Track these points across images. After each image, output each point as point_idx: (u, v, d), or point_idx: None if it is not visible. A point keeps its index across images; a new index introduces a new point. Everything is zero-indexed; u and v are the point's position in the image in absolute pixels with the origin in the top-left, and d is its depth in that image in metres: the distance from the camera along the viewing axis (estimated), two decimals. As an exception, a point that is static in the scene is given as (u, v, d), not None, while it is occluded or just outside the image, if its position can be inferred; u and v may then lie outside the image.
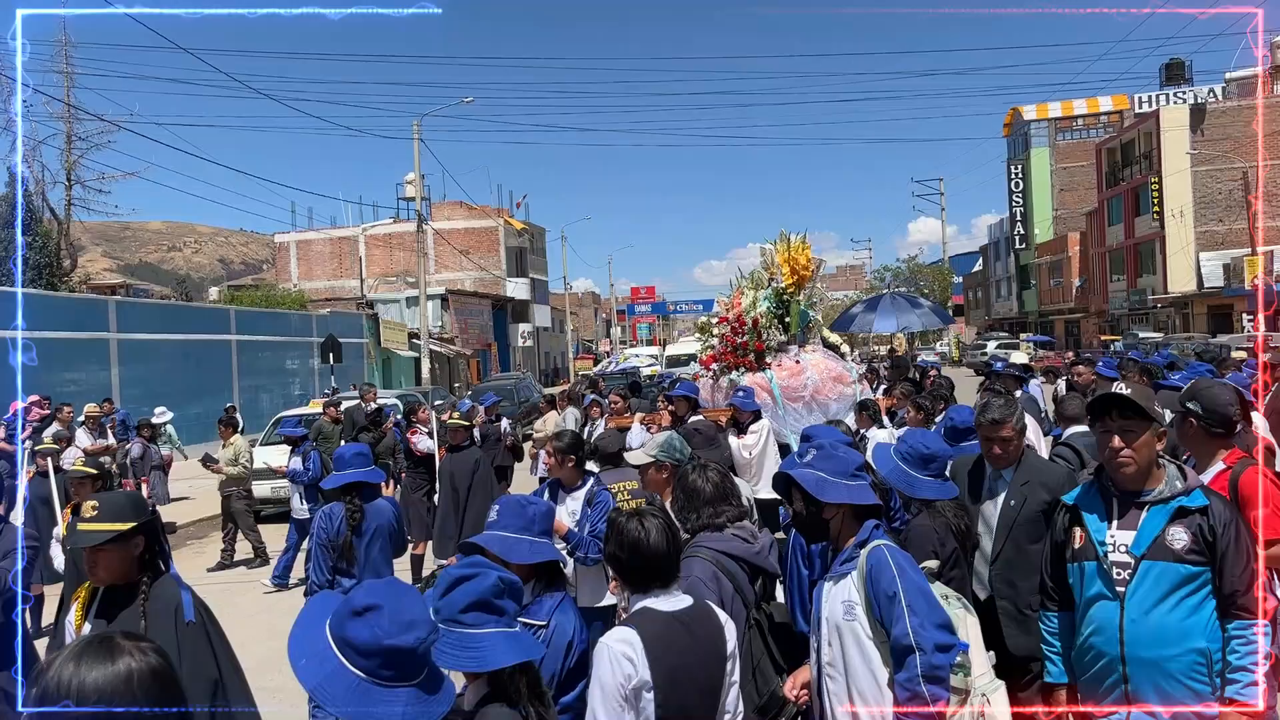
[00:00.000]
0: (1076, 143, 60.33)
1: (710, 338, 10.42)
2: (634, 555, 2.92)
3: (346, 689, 1.84)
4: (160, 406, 16.66)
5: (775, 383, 9.15)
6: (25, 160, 27.57)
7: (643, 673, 2.71)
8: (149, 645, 1.64)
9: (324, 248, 52.96)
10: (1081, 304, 55.33)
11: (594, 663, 2.75)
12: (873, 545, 3.06)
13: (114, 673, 1.56)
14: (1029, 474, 4.35)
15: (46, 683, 1.55)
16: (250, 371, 26.99)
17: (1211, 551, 3.03)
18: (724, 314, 10.35)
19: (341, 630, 1.90)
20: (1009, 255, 65.52)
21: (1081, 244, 55.64)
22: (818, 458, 3.23)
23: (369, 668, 1.86)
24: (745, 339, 9.58)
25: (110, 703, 1.53)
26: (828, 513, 3.17)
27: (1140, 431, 3.14)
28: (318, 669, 1.87)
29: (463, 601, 2.34)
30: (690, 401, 8.65)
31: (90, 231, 70.33)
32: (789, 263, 9.92)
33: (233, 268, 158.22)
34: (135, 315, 22.96)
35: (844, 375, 9.49)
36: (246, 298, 40.91)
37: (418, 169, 33.17)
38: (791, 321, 9.91)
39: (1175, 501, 3.11)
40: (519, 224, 55.74)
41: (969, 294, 77.44)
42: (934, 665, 2.84)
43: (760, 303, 9.81)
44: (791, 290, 9.96)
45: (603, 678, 2.70)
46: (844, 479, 3.14)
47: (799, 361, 9.44)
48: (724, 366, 9.66)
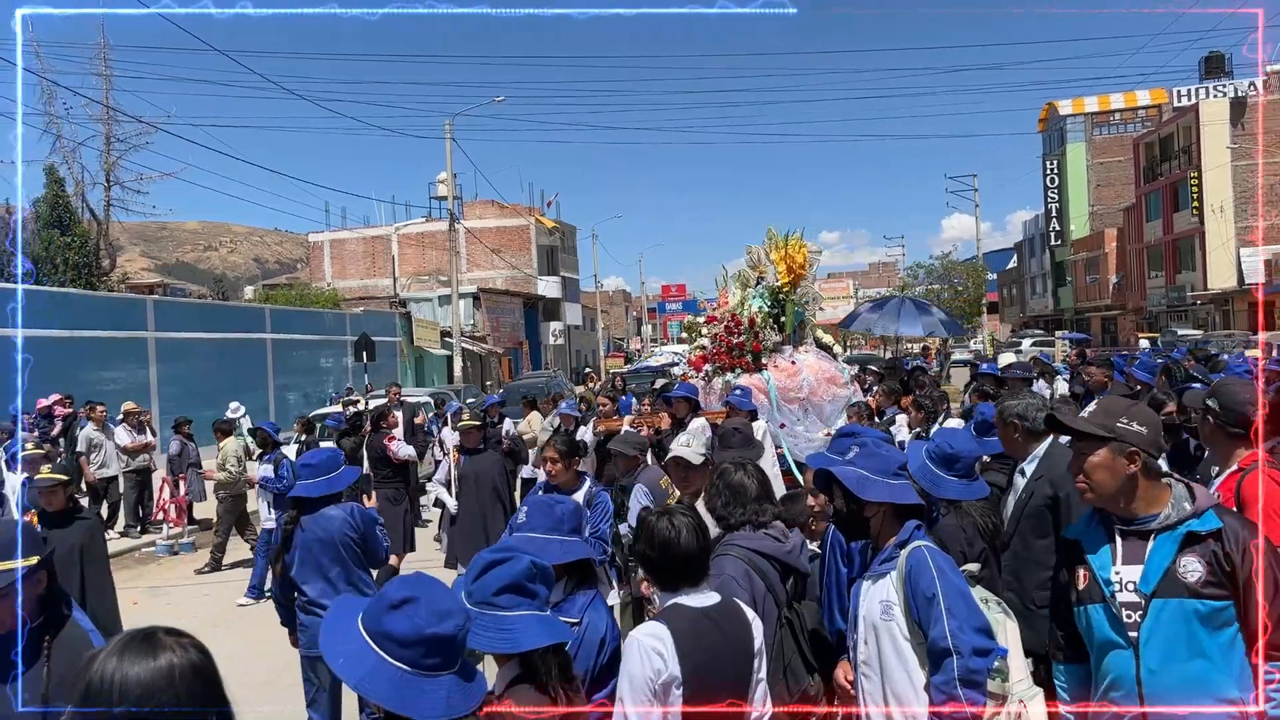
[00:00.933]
0: (1113, 137, 59.52)
1: (699, 338, 10.13)
2: (665, 554, 2.93)
3: (390, 682, 1.88)
4: (234, 402, 16.87)
5: (772, 384, 8.93)
6: (65, 162, 28.09)
7: (672, 668, 2.72)
8: (189, 641, 1.65)
9: (357, 247, 53.40)
10: (1119, 301, 54.63)
11: (624, 656, 2.77)
12: (913, 546, 3.04)
13: (156, 668, 1.56)
14: (1044, 468, 4.39)
15: (90, 679, 1.56)
16: (285, 370, 27.26)
17: (1232, 582, 2.59)
18: (712, 313, 10.09)
19: (379, 625, 1.92)
20: (1044, 252, 64.78)
21: (1119, 240, 54.91)
22: (860, 455, 3.22)
23: (411, 658, 1.90)
24: (742, 339, 9.31)
25: (153, 699, 1.54)
26: (868, 511, 3.16)
27: (1089, 453, 2.77)
28: (358, 665, 1.90)
29: (496, 584, 2.39)
30: (691, 403, 8.52)
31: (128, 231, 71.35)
32: (785, 260, 9.64)
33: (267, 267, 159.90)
34: (173, 314, 23.26)
35: (837, 376, 9.32)
36: (281, 297, 41.31)
37: (450, 168, 33.35)
38: (786, 321, 9.64)
39: (1184, 526, 2.67)
40: (550, 222, 55.89)
41: (1003, 291, 76.66)
42: (971, 669, 2.82)
43: (753, 301, 9.55)
44: (787, 289, 9.69)
45: (632, 671, 2.71)
46: (886, 477, 3.14)
47: (794, 362, 9.22)
48: (718, 368, 9.38)
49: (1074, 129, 60.20)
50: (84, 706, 1.55)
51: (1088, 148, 60.07)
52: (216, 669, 1.66)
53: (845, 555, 3.85)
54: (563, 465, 5.69)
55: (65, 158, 28.08)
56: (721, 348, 9.38)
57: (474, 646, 2.33)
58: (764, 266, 9.90)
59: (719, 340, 9.45)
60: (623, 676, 2.74)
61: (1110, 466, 2.73)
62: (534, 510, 3.30)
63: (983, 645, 2.84)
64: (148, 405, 18.02)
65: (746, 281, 9.93)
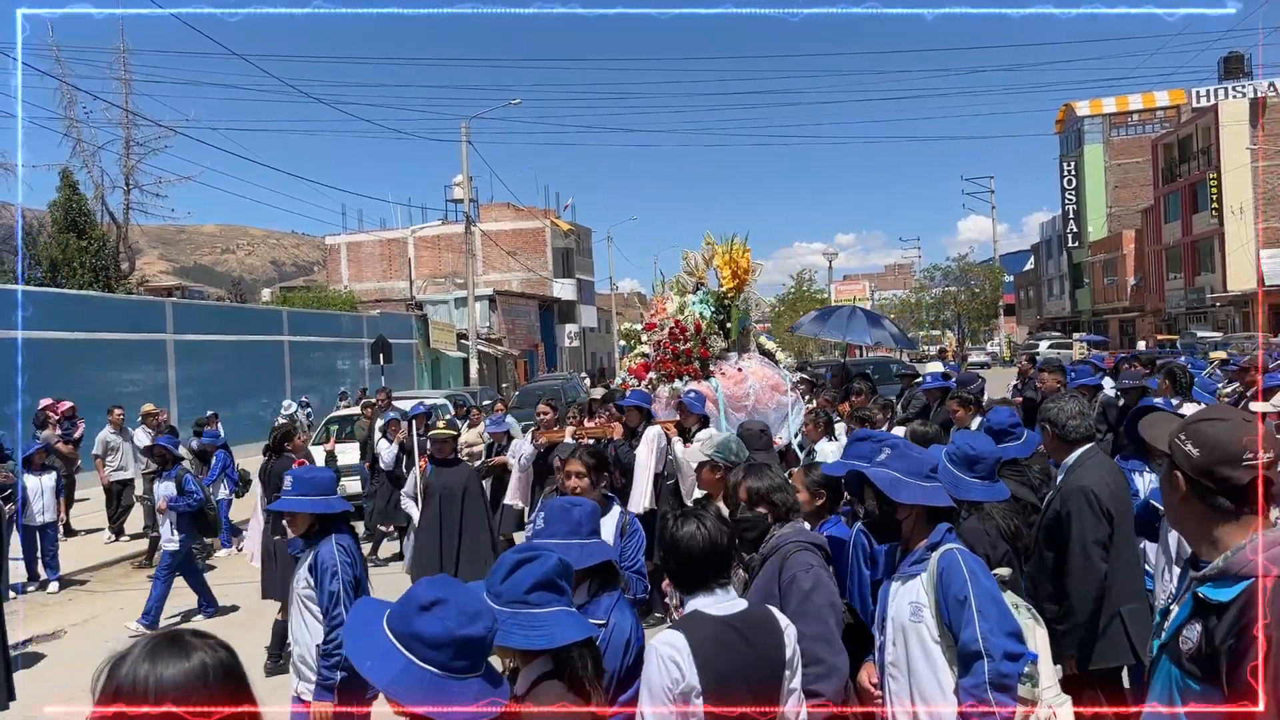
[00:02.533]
0: (1132, 139, 59.19)
1: (640, 345, 9.79)
2: (681, 556, 2.90)
3: (420, 684, 1.88)
4: (286, 400, 17.01)
5: (720, 391, 8.74)
6: (85, 166, 28.30)
7: (689, 678, 2.68)
8: (215, 640, 1.65)
9: (374, 249, 53.62)
10: (1137, 303, 54.29)
11: (645, 662, 2.76)
12: (945, 548, 3.02)
13: (189, 668, 1.56)
14: (1064, 479, 4.34)
15: (122, 682, 1.55)
16: (302, 372, 27.38)
17: (1208, 665, 2.03)
18: (651, 320, 9.82)
19: (409, 627, 1.93)
20: (1061, 253, 64.45)
21: (1137, 241, 54.58)
22: (892, 457, 3.20)
23: (441, 660, 1.90)
24: (689, 345, 9.07)
25: (188, 698, 1.54)
26: (901, 513, 3.14)
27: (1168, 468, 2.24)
28: (387, 668, 1.90)
29: (527, 583, 2.38)
30: (643, 411, 8.19)
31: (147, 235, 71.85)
32: (729, 265, 9.44)
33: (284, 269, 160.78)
34: (191, 316, 23.39)
35: (780, 384, 9.18)
36: (298, 299, 41.50)
37: (465, 171, 33.41)
38: (732, 327, 9.48)
39: (1203, 587, 2.10)
40: (565, 225, 55.97)
41: (1020, 293, 76.33)
42: (1002, 673, 2.81)
43: (694, 307, 9.32)
44: (732, 295, 9.51)
45: (650, 679, 2.70)
46: (918, 480, 3.12)
47: (740, 369, 9.06)
48: (663, 375, 9.10)
49: (1092, 130, 59.90)
50: (114, 707, 1.54)
51: (1106, 149, 59.76)
52: (244, 669, 1.66)
53: (869, 558, 3.83)
54: (589, 482, 4.88)
55: (85, 161, 28.30)
56: (667, 355, 9.11)
57: (510, 645, 2.34)
58: (702, 272, 9.71)
59: (663, 348, 9.18)
60: (643, 683, 2.73)
61: (1167, 485, 2.26)
62: (551, 515, 3.27)
63: (1014, 649, 2.82)
64: (166, 407, 18.12)
65: (684, 288, 9.75)
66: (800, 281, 72.22)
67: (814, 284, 70.34)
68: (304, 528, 4.55)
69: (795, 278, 73.15)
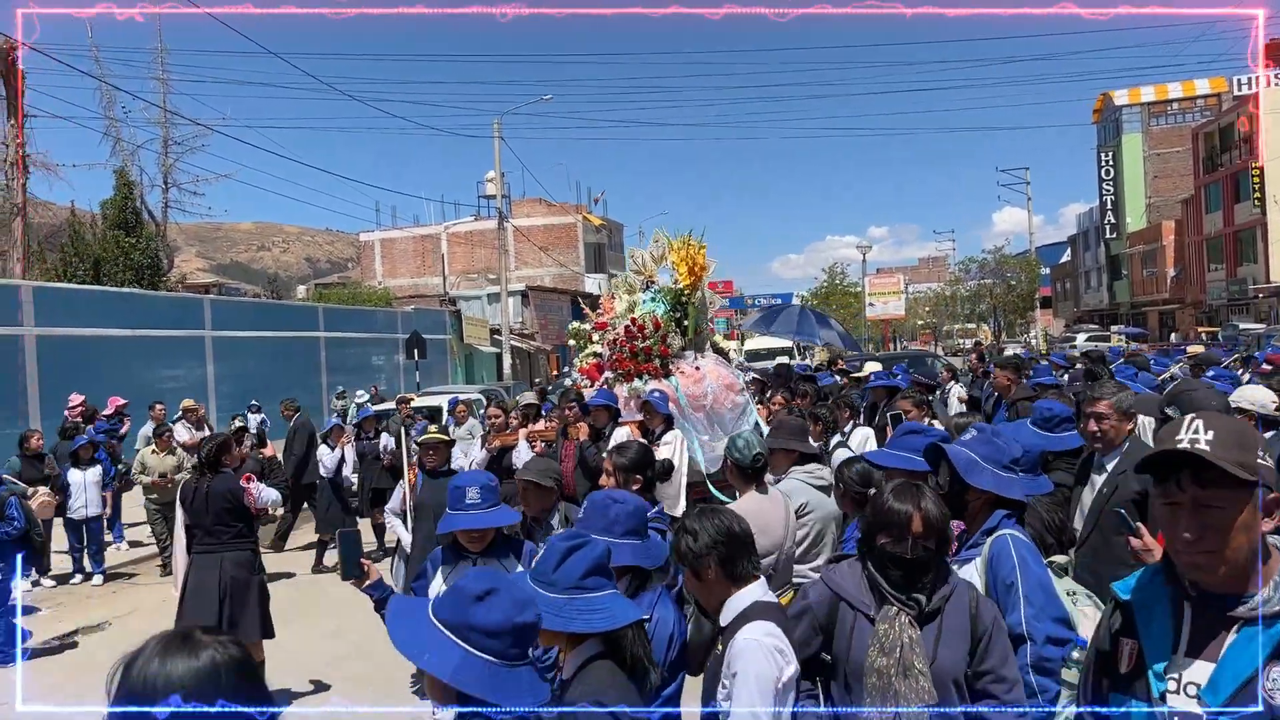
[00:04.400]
0: (1171, 128, 58.26)
1: (591, 345, 9.54)
2: (732, 543, 2.85)
3: (481, 672, 1.91)
4: (359, 390, 17.25)
5: (681, 391, 8.50)
6: (125, 165, 28.70)
7: (794, 663, 2.71)
8: (227, 638, 1.66)
9: (407, 246, 53.97)
10: (1177, 294, 53.47)
11: (743, 659, 2.67)
12: (998, 534, 3.05)
13: (198, 667, 1.57)
14: (1127, 462, 4.30)
15: (133, 681, 1.55)
16: (338, 368, 27.60)
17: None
18: (602, 320, 9.53)
19: (465, 618, 1.95)
20: (1099, 245, 63.61)
21: (1177, 232, 53.73)
22: (976, 440, 3.25)
23: (498, 649, 1.93)
24: (649, 344, 8.79)
25: (199, 695, 1.54)
26: (971, 495, 3.16)
27: (1228, 506, 1.82)
28: (445, 659, 1.93)
29: (581, 568, 2.43)
30: (611, 411, 7.93)
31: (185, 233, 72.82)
32: (686, 261, 9.17)
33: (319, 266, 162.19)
34: (228, 313, 23.66)
35: (735, 384, 8.96)
36: (334, 295, 41.85)
37: (498, 167, 33.54)
38: (689, 325, 9.19)
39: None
40: (597, 220, 56.02)
41: (1057, 285, 75.44)
42: (1043, 657, 2.84)
43: (647, 305, 9.07)
44: (689, 292, 9.23)
45: (761, 673, 2.64)
46: (996, 467, 3.16)
47: (698, 368, 8.83)
48: (620, 375, 8.82)
49: (1130, 119, 59.03)
50: (126, 707, 1.54)
51: (1144, 138, 58.89)
52: (256, 665, 1.66)
53: None
54: (614, 483, 4.50)
55: (125, 160, 28.71)
56: (624, 354, 8.86)
57: (571, 630, 2.37)
58: (652, 270, 9.52)
59: (620, 345, 8.94)
60: (748, 680, 2.64)
61: (1249, 525, 1.82)
62: (589, 510, 3.23)
63: (1058, 634, 2.86)
64: (205, 403, 18.35)
65: (633, 287, 9.56)
66: (833, 275, 71.86)
67: (847, 277, 69.96)
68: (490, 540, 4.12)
69: (828, 271, 72.82)
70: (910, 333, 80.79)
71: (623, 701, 2.34)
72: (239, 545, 6.59)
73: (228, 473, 6.71)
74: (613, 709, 2.29)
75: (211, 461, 6.70)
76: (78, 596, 10.38)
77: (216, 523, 6.53)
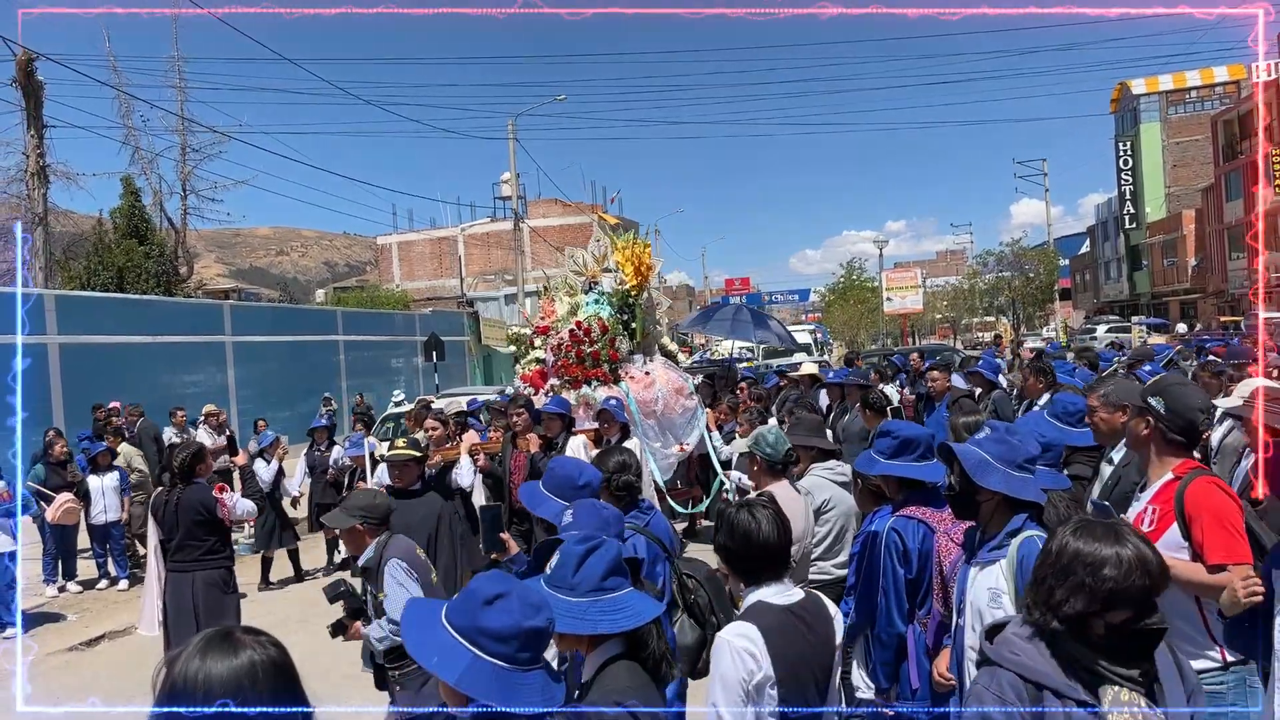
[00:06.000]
0: (1190, 116, 57.70)
1: (532, 350, 9.09)
2: (746, 546, 2.89)
3: (489, 677, 1.90)
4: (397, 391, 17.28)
5: (631, 397, 8.15)
6: (144, 173, 28.96)
7: (765, 668, 2.68)
8: (267, 638, 1.67)
9: (424, 248, 54.14)
10: (1198, 284, 52.98)
11: (715, 658, 2.74)
12: (1025, 535, 3.01)
13: (237, 666, 1.59)
14: (1131, 455, 4.26)
15: (175, 679, 1.58)
16: (357, 371, 27.74)
17: None
18: (543, 324, 9.08)
19: (474, 621, 1.94)
20: (1118, 235, 63.07)
21: (1197, 221, 53.23)
22: (989, 439, 3.20)
23: (507, 653, 1.92)
24: (596, 348, 8.38)
25: (236, 695, 1.56)
26: (981, 495, 3.12)
27: None
28: (454, 663, 1.92)
29: (601, 569, 2.43)
30: (564, 420, 7.42)
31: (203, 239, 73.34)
32: (632, 261, 8.81)
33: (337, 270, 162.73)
34: (248, 318, 23.80)
35: (684, 387, 8.68)
36: (351, 299, 42.07)
37: (513, 168, 33.62)
38: (637, 327, 8.83)
39: None
40: (613, 219, 55.97)
41: (1076, 277, 74.87)
42: None
43: (590, 307, 8.69)
44: (635, 293, 8.87)
45: (725, 673, 2.68)
46: (1009, 467, 3.09)
47: (648, 373, 8.50)
48: (567, 381, 8.39)
49: (1148, 108, 58.51)
50: (169, 706, 1.57)
51: (1163, 127, 58.36)
52: (294, 666, 1.68)
53: (902, 556, 3.80)
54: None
55: (144, 168, 28.96)
56: (570, 359, 8.45)
57: (597, 631, 2.36)
58: (595, 271, 9.14)
59: (564, 350, 8.52)
60: (714, 680, 2.71)
61: None
62: (580, 512, 3.35)
63: None
64: (226, 407, 18.48)
65: (574, 289, 9.17)
66: (850, 270, 71.53)
67: (864, 272, 69.63)
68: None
69: (845, 266, 72.49)
70: (929, 327, 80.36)
71: (645, 702, 2.33)
72: (211, 563, 6.20)
73: (201, 483, 6.30)
74: (632, 709, 2.29)
75: (185, 471, 6.25)
76: (105, 601, 10.48)
77: (188, 537, 6.13)
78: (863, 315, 61.90)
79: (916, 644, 3.75)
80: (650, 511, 4.48)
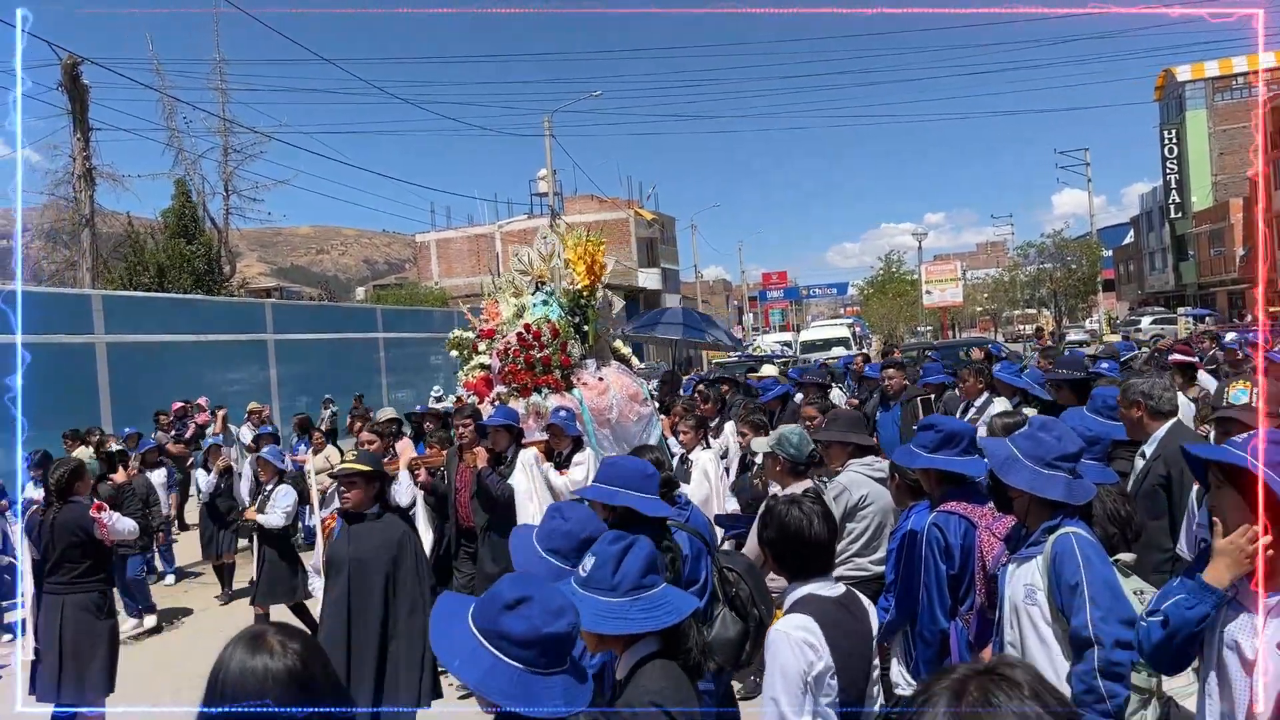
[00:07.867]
0: (1237, 103, 56.55)
1: (476, 356, 8.67)
2: (796, 542, 2.92)
3: (509, 681, 1.90)
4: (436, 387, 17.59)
5: (585, 404, 7.75)
6: (187, 174, 29.41)
7: (826, 658, 2.72)
8: (294, 647, 1.68)
9: (462, 245, 54.52)
10: (1246, 274, 51.94)
11: (772, 651, 2.74)
12: (1061, 532, 2.97)
13: (250, 667, 1.62)
14: (1161, 447, 4.37)
15: (221, 678, 1.64)
16: (396, 368, 27.96)
17: None
18: (488, 327, 8.65)
19: (495, 625, 1.94)
20: (1163, 225, 62.00)
21: (1245, 210, 52.19)
22: (1022, 434, 3.18)
23: (528, 658, 1.91)
24: (547, 353, 7.91)
25: (241, 693, 1.59)
26: (1012, 491, 3.10)
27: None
28: (475, 666, 1.92)
29: (638, 567, 2.42)
30: (513, 432, 6.86)
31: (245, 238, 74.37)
32: (584, 260, 8.43)
33: (377, 268, 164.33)
34: (289, 316, 24.06)
35: (638, 393, 8.31)
36: (391, 296, 42.46)
37: (549, 164, 33.72)
38: (590, 330, 8.43)
39: None
40: (649, 214, 56.02)
41: (1119, 267, 73.71)
42: (1112, 661, 2.74)
43: (538, 309, 8.22)
44: (587, 294, 8.47)
45: (786, 666, 2.69)
46: (1038, 465, 3.04)
47: (601, 379, 8.09)
48: (515, 389, 7.90)
49: (1194, 95, 57.42)
50: (209, 691, 1.64)
51: (1209, 115, 57.23)
52: (318, 674, 1.68)
53: (944, 552, 3.78)
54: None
55: (187, 170, 29.42)
56: (518, 364, 7.97)
57: (643, 629, 2.35)
58: (543, 270, 8.61)
59: (512, 355, 8.03)
60: (774, 673, 2.71)
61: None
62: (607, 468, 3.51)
63: (1126, 637, 2.74)
64: (269, 404, 18.72)
65: (520, 289, 8.71)
66: (889, 263, 71.00)
67: (904, 265, 69.08)
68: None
69: (884, 259, 71.93)
70: (969, 320, 79.52)
71: (680, 702, 2.32)
72: (84, 586, 5.81)
73: (79, 502, 5.87)
74: (667, 709, 2.29)
75: (61, 489, 5.84)
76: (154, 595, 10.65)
77: (63, 559, 5.77)
78: (902, 308, 61.40)
79: (959, 640, 3.72)
80: (688, 507, 4.49)
